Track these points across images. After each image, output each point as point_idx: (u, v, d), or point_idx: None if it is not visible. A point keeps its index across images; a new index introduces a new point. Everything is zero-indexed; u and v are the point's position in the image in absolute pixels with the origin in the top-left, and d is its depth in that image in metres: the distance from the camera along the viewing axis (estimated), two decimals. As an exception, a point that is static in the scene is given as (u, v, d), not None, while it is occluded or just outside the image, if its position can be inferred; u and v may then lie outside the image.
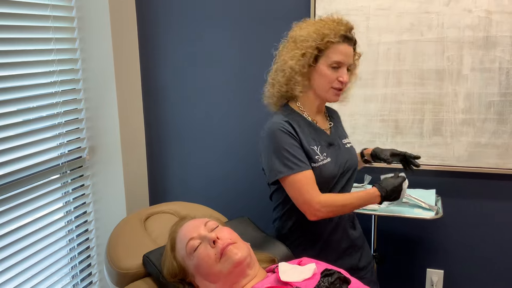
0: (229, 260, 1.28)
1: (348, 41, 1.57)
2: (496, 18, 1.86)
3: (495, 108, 1.93)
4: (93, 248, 2.19)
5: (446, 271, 2.14)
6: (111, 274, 1.55)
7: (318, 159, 1.57)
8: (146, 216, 1.79)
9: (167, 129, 2.35)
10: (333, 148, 1.65)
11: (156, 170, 2.41)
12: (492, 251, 2.07)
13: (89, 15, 2.02)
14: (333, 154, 1.63)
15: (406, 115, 2.02)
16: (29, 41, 1.80)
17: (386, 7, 1.96)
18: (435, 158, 2.02)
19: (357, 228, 1.75)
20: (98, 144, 2.14)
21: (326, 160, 1.59)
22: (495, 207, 2.02)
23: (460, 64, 1.93)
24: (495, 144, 1.95)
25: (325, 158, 1.59)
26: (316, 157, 1.58)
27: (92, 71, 2.08)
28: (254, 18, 2.13)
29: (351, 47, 1.59)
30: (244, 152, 2.25)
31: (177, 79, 2.29)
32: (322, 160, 1.58)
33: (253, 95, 2.19)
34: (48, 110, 1.90)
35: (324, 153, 1.60)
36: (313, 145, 1.59)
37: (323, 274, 1.21)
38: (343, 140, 1.71)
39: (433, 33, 1.94)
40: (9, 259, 1.70)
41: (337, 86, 1.58)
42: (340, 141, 1.69)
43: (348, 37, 1.57)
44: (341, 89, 1.60)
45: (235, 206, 2.29)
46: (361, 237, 1.76)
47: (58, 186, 1.96)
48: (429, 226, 2.11)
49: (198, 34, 2.22)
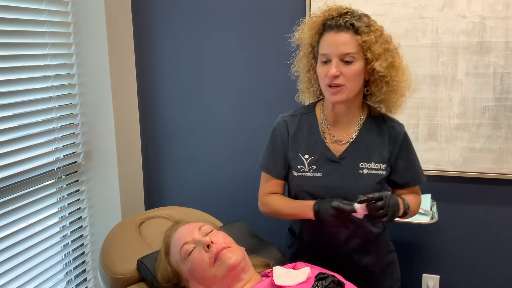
0: (223, 264, 1.28)
1: (337, 28, 1.39)
2: (490, 23, 1.87)
3: (489, 113, 1.93)
4: (88, 253, 2.18)
5: (442, 277, 2.14)
6: (105, 279, 1.54)
7: (300, 169, 1.51)
8: (141, 221, 1.78)
9: (162, 134, 2.35)
10: (334, 165, 1.49)
11: (152, 175, 2.41)
12: (488, 256, 2.06)
13: (85, 20, 2.03)
14: (328, 172, 1.49)
15: (401, 120, 2.01)
16: (25, 46, 1.80)
17: (381, 13, 1.97)
18: (430, 163, 2.02)
19: (371, 254, 1.59)
20: (94, 149, 2.14)
21: (312, 174, 1.49)
22: (490, 212, 2.03)
23: (455, 69, 1.94)
24: (490, 149, 1.95)
25: (312, 172, 1.50)
26: (299, 166, 1.51)
27: (88, 76, 2.08)
28: (252, 18, 2.13)
29: (343, 33, 1.38)
30: (240, 158, 2.25)
31: (173, 85, 2.29)
32: (306, 172, 1.50)
33: (251, 99, 2.19)
34: (43, 115, 1.89)
35: (315, 166, 1.50)
36: (304, 154, 1.52)
37: (317, 278, 1.21)
38: (360, 164, 1.48)
39: (427, 39, 1.94)
40: (4, 264, 1.69)
41: (327, 82, 1.40)
42: (351, 162, 1.49)
43: (331, 24, 1.40)
44: (338, 86, 1.39)
45: (231, 211, 2.29)
46: (377, 266, 1.60)
47: (53, 191, 1.95)
48: (425, 231, 2.11)
49: (195, 40, 2.22)
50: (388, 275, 1.64)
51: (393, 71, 1.42)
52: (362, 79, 1.44)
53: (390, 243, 1.69)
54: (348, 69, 1.39)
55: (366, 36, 1.37)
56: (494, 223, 2.03)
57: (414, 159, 1.57)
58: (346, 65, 1.39)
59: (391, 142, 1.51)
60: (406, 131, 1.56)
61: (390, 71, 1.42)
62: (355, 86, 1.42)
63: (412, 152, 1.57)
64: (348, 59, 1.38)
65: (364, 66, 1.41)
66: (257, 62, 1.67)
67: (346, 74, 1.39)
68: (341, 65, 1.39)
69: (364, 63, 1.40)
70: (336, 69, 1.38)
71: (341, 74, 1.39)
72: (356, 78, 1.41)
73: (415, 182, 1.58)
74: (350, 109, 1.51)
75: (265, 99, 2.16)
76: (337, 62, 1.38)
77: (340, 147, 1.51)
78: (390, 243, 1.69)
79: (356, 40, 1.38)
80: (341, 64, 1.39)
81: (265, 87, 2.16)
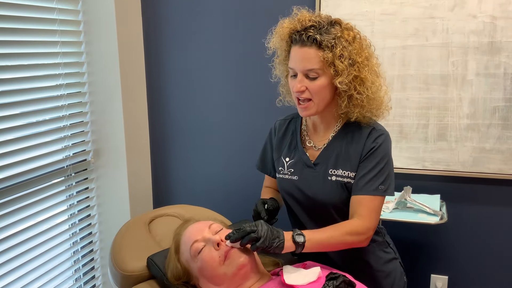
0: (233, 263, 1.28)
1: (301, 43, 1.36)
2: (501, 23, 1.86)
3: (499, 113, 1.92)
4: (97, 251, 2.19)
5: (450, 277, 2.13)
6: (115, 276, 1.55)
7: (280, 171, 1.57)
8: (150, 219, 1.79)
9: (171, 133, 2.36)
10: (309, 170, 1.51)
11: (160, 173, 2.41)
12: (497, 256, 2.05)
13: (95, 19, 2.03)
14: (303, 176, 1.51)
15: (411, 120, 2.02)
16: (35, 44, 1.81)
17: (391, 12, 1.97)
18: (440, 163, 2.01)
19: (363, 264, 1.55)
20: (103, 147, 2.15)
21: (290, 177, 1.53)
22: (499, 213, 2.02)
23: (465, 70, 1.93)
24: (500, 150, 1.94)
25: (289, 174, 1.53)
26: (280, 168, 1.57)
27: (97, 74, 2.08)
28: (261, 19, 2.13)
29: (306, 48, 1.35)
30: (249, 156, 2.25)
31: (182, 83, 2.29)
32: (285, 174, 1.55)
33: (258, 97, 2.19)
34: (53, 112, 1.90)
35: (293, 169, 1.53)
36: (286, 156, 1.56)
37: (328, 278, 1.21)
38: (330, 170, 1.47)
39: (438, 38, 1.94)
40: (13, 261, 1.70)
41: (295, 96, 1.41)
42: (322, 168, 1.48)
43: (296, 38, 1.37)
44: (306, 100, 1.39)
45: (239, 209, 2.29)
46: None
47: (63, 189, 1.96)
48: (434, 231, 2.10)
49: (204, 39, 2.22)
50: (388, 284, 1.59)
51: (358, 85, 1.38)
52: (330, 92, 1.41)
53: (390, 251, 1.62)
54: (313, 85, 1.37)
55: (328, 51, 1.33)
56: (504, 224, 2.02)
57: (373, 170, 1.43)
58: (311, 80, 1.37)
59: (365, 149, 1.45)
60: (386, 139, 1.46)
61: (354, 85, 1.38)
62: (321, 100, 1.41)
63: (376, 162, 1.43)
64: (312, 75, 1.37)
65: (330, 80, 1.38)
66: (269, 62, 1.69)
67: (311, 90, 1.38)
68: (306, 80, 1.38)
69: (330, 76, 1.38)
70: (300, 85, 1.38)
71: (306, 89, 1.38)
72: (321, 93, 1.39)
73: (359, 191, 1.43)
74: (325, 117, 1.50)
75: (275, 99, 2.16)
76: (301, 77, 1.38)
77: (315, 152, 1.52)
78: (390, 251, 1.62)
79: (320, 56, 1.34)
80: (306, 79, 1.38)
81: (276, 87, 2.16)
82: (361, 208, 1.42)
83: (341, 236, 1.38)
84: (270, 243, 1.27)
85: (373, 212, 1.42)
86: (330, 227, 1.40)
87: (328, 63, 1.35)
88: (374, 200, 1.42)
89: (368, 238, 1.42)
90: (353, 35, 1.39)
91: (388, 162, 1.45)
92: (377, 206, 1.43)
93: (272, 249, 1.27)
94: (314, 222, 1.53)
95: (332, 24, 1.38)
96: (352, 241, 1.40)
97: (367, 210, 1.41)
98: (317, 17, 1.39)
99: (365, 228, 1.40)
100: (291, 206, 1.59)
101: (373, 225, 1.42)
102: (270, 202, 1.57)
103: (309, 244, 1.33)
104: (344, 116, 1.49)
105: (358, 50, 1.38)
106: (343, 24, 1.40)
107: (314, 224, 1.51)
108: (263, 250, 1.28)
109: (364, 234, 1.40)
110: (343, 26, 1.39)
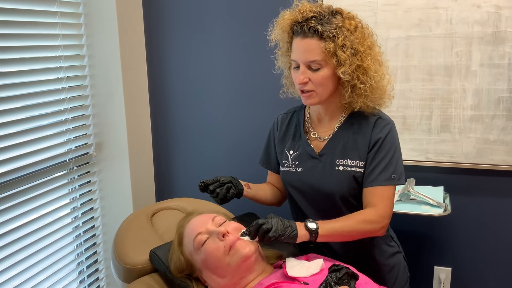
0: (237, 254, 1.28)
1: (302, 34, 1.36)
2: (505, 13, 1.84)
3: (504, 104, 1.91)
4: (100, 244, 2.19)
5: (454, 269, 2.12)
6: (118, 270, 1.55)
7: (284, 164, 1.57)
8: (152, 212, 1.79)
9: (173, 125, 2.35)
10: (314, 161, 1.51)
11: (163, 166, 2.41)
12: (501, 248, 2.05)
13: (96, 11, 2.02)
14: (308, 167, 1.51)
15: (414, 111, 2.01)
16: (36, 37, 1.80)
17: (394, 3, 1.95)
18: (443, 155, 2.00)
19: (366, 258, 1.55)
20: (105, 140, 2.14)
21: (294, 169, 1.53)
22: (503, 204, 2.01)
23: (469, 60, 1.91)
24: (504, 141, 1.93)
25: (294, 167, 1.53)
26: (284, 161, 1.57)
27: (99, 67, 2.07)
28: (263, 17, 2.11)
29: (308, 39, 1.35)
30: (251, 148, 2.24)
31: (184, 75, 2.28)
32: (289, 167, 1.55)
33: (260, 94, 2.18)
34: (55, 106, 1.89)
35: (297, 161, 1.53)
36: (289, 149, 1.56)
37: (331, 270, 1.20)
38: (337, 160, 1.47)
39: (441, 29, 1.92)
40: (15, 255, 1.70)
41: (298, 87, 1.42)
42: (328, 159, 1.49)
43: (297, 30, 1.37)
44: (309, 91, 1.40)
45: (242, 203, 2.28)
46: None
47: (65, 182, 1.96)
48: (437, 223, 2.09)
49: (206, 29, 2.21)
50: (391, 278, 1.59)
51: (361, 74, 1.37)
52: (333, 82, 1.41)
53: (394, 244, 1.63)
54: (316, 76, 1.37)
55: (330, 42, 1.33)
56: (508, 215, 2.01)
57: (384, 160, 1.44)
58: (314, 71, 1.37)
59: (372, 139, 1.45)
60: (393, 128, 1.46)
61: (357, 75, 1.37)
62: (324, 91, 1.41)
63: (386, 152, 1.44)
64: (315, 66, 1.37)
65: (333, 70, 1.38)
66: (270, 60, 1.69)
67: (314, 81, 1.38)
68: (309, 71, 1.38)
69: (333, 67, 1.37)
70: (303, 77, 1.38)
71: (309, 80, 1.38)
72: (324, 84, 1.39)
73: (371, 182, 1.43)
74: (329, 108, 1.50)
75: (277, 96, 2.16)
76: (304, 69, 1.38)
77: (320, 143, 1.52)
78: (394, 244, 1.63)
79: (322, 46, 1.34)
80: (309, 71, 1.38)
81: (278, 83, 2.14)
82: (374, 198, 1.42)
83: (356, 225, 1.38)
84: (283, 232, 1.27)
85: (386, 200, 1.42)
86: (344, 217, 1.41)
87: (330, 54, 1.34)
88: (387, 189, 1.43)
89: (384, 227, 1.42)
90: (354, 24, 1.38)
91: (396, 150, 1.46)
92: (391, 195, 1.44)
93: (285, 238, 1.28)
94: (320, 216, 1.52)
95: (333, 14, 1.37)
96: (367, 230, 1.40)
97: (380, 199, 1.42)
98: (318, 8, 1.39)
99: (380, 217, 1.40)
100: (296, 199, 1.58)
101: (388, 214, 1.42)
102: (238, 186, 1.54)
103: (323, 231, 1.33)
104: (349, 106, 1.49)
105: (360, 39, 1.37)
106: (345, 14, 1.39)
107: (320, 218, 1.50)
108: (277, 240, 1.27)
109: (379, 222, 1.40)
110: (344, 15, 1.38)
